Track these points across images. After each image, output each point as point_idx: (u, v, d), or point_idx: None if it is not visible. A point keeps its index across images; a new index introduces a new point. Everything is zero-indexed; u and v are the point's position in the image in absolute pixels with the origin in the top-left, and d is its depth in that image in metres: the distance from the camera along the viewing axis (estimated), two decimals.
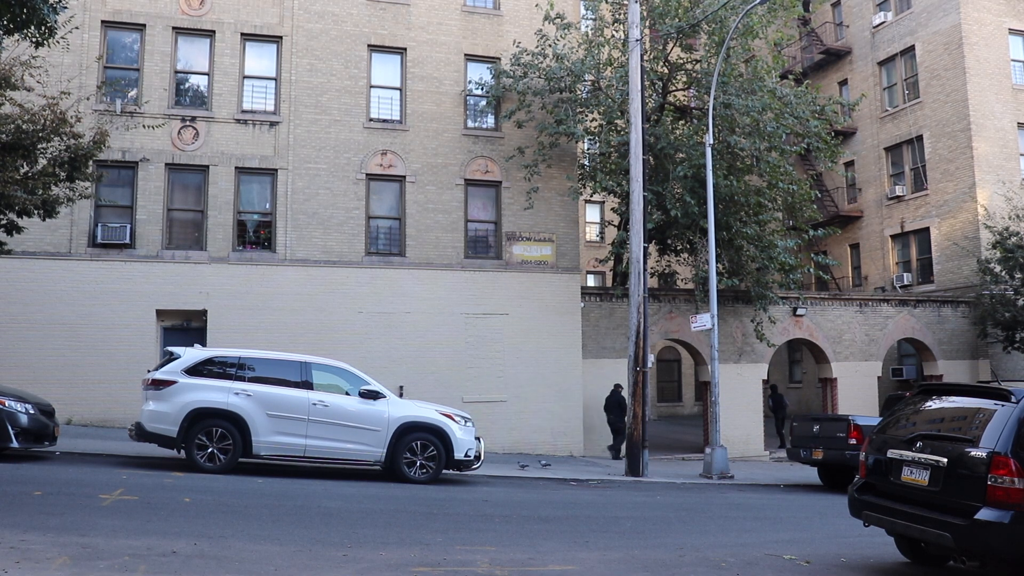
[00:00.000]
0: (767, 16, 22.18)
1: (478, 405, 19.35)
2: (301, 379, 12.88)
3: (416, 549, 7.79)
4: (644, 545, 8.84)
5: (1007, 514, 6.50)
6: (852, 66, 30.87)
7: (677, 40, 22.42)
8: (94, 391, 18.11)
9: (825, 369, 24.20)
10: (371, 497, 11.12)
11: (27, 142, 14.49)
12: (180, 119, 19.75)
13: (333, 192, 20.28)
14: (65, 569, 6.17)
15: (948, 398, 8.07)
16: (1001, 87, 26.69)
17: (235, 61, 20.21)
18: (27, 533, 7.21)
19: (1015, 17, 27.38)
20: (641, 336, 16.60)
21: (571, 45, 21.45)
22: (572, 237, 21.78)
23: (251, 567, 6.68)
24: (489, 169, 21.41)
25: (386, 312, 20.04)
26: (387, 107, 21.09)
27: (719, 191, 19.86)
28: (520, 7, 22.09)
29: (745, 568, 7.87)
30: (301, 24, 20.64)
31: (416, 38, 21.33)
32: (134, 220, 19.28)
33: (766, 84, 21.39)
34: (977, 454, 6.84)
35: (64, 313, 18.40)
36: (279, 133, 20.22)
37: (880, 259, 29.47)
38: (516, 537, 8.84)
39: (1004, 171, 26.19)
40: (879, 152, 29.60)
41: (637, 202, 16.99)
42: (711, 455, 16.99)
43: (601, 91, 21.74)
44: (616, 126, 21.49)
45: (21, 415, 12.19)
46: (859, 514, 8.02)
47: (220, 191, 19.74)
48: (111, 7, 19.67)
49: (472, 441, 13.48)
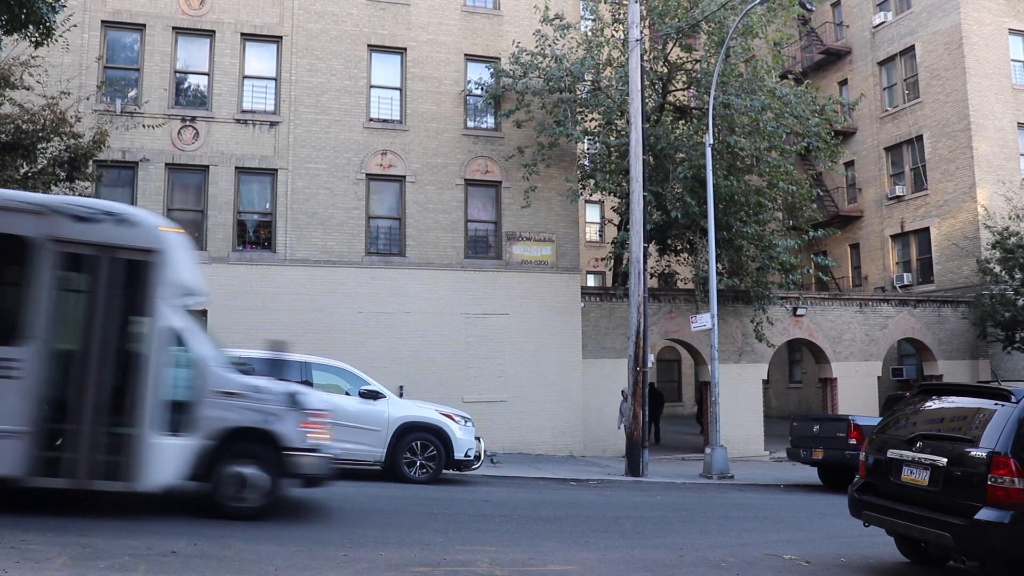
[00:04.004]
0: (767, 16, 22.17)
1: (478, 405, 19.34)
2: (301, 379, 12.87)
3: (416, 549, 7.79)
4: (644, 545, 8.84)
5: (1007, 514, 6.50)
6: (852, 66, 30.87)
7: (677, 40, 22.41)
8: None
9: (825, 369, 24.20)
10: (371, 497, 11.12)
11: (27, 142, 14.51)
12: (180, 119, 19.75)
13: (333, 192, 20.28)
14: (65, 569, 6.17)
15: (948, 398, 8.07)
16: (1001, 87, 26.68)
17: (235, 61, 20.21)
18: (27, 533, 7.21)
19: (1015, 17, 27.38)
20: (641, 336, 16.60)
21: (570, 46, 21.44)
22: (572, 237, 21.77)
23: (251, 567, 6.68)
24: (489, 169, 21.41)
25: (386, 312, 20.03)
26: (387, 107, 21.09)
27: (719, 191, 19.85)
28: (520, 7, 22.09)
29: (745, 568, 7.87)
30: (301, 24, 20.64)
31: (416, 38, 21.33)
32: None
33: (766, 84, 21.38)
34: (977, 454, 6.84)
35: None
36: (279, 133, 20.22)
37: (880, 259, 29.47)
38: (516, 537, 8.85)
39: (1004, 171, 26.18)
40: (879, 152, 29.60)
41: (637, 202, 16.99)
42: (711, 455, 16.99)
43: (601, 91, 21.73)
44: (616, 126, 21.48)
45: None
46: (859, 514, 8.02)
47: (220, 191, 19.73)
48: (111, 7, 19.67)
49: (472, 441, 13.50)
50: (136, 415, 8.20)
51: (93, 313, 8.38)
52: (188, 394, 8.49)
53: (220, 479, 8.56)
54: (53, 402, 8.12)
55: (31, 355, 8.08)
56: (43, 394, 8.08)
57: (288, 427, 8.65)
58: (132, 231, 8.50)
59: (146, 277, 8.44)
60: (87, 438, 8.10)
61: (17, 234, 8.12)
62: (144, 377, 8.27)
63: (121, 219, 8.50)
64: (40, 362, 8.11)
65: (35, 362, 8.08)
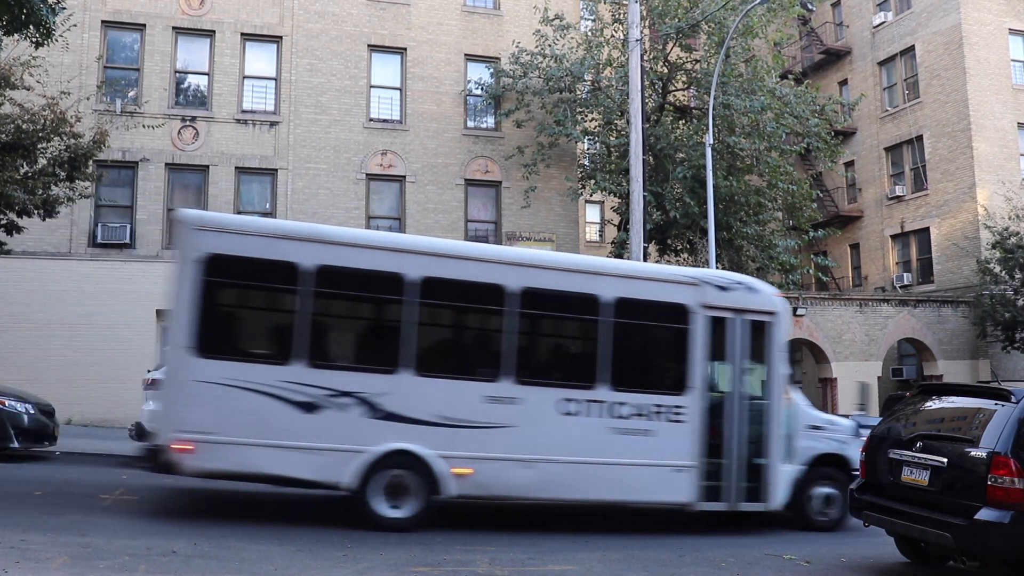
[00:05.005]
0: (767, 16, 22.15)
1: None
2: None
3: (416, 549, 7.78)
4: (644, 545, 8.84)
5: (1007, 514, 6.50)
6: (852, 66, 30.86)
7: (677, 40, 22.40)
8: (94, 391, 18.10)
9: (825, 369, 24.19)
10: None
11: (27, 142, 14.51)
12: (180, 119, 19.75)
13: (333, 192, 20.27)
14: (65, 569, 6.17)
15: (948, 398, 8.07)
16: (1001, 87, 26.67)
17: (235, 61, 20.21)
18: (27, 533, 7.21)
19: (1015, 17, 27.37)
20: None
21: (570, 46, 21.44)
22: (572, 237, 21.76)
23: (251, 567, 6.68)
24: (489, 169, 21.41)
25: None
26: (387, 107, 21.09)
27: (719, 191, 19.84)
28: (520, 7, 22.08)
29: (745, 568, 7.87)
30: (301, 24, 20.64)
31: (416, 38, 21.32)
32: (134, 220, 19.27)
33: (766, 84, 21.37)
34: (977, 454, 6.84)
35: (64, 313, 18.39)
36: (279, 133, 20.22)
37: (880, 259, 29.46)
38: (516, 537, 8.84)
39: (1004, 171, 26.17)
40: (879, 152, 29.59)
41: (637, 202, 16.97)
42: None
43: (601, 91, 21.72)
44: (616, 126, 21.47)
45: (22, 415, 12.20)
46: (859, 514, 8.02)
47: (220, 191, 19.73)
48: (111, 7, 19.67)
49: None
50: (767, 448, 10.00)
51: (732, 365, 10.12)
52: (791, 429, 10.18)
53: (810, 498, 10.32)
54: (710, 440, 9.77)
55: (693, 402, 9.73)
56: (703, 434, 9.71)
57: (854, 452, 10.16)
58: (757, 297, 10.30)
59: (766, 335, 10.21)
60: (735, 469, 9.83)
61: (679, 303, 9.87)
62: (770, 416, 10.06)
63: (750, 287, 10.34)
64: (700, 407, 9.75)
65: (696, 408, 9.73)
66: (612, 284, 9.63)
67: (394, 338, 8.93)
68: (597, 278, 9.67)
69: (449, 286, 9.12)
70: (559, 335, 10.07)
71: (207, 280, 8.43)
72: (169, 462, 8.21)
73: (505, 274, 9.29)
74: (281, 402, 8.39)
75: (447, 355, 9.48)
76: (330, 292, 8.87)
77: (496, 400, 8.89)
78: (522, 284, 9.25)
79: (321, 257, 8.74)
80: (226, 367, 8.36)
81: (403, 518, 8.59)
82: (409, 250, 9.22)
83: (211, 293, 8.52)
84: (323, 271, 8.71)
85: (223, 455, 8.24)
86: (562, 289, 9.50)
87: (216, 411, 8.23)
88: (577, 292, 9.53)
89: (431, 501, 8.73)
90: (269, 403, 8.35)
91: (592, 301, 9.48)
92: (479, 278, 9.30)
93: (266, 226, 9.85)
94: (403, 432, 8.64)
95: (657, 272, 10.73)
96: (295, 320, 8.71)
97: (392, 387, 8.71)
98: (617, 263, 12.10)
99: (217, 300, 8.73)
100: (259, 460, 8.33)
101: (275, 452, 8.34)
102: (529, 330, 9.54)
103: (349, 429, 8.52)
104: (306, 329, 8.67)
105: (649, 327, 10.08)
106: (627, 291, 9.69)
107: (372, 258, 8.96)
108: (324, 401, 8.49)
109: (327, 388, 8.51)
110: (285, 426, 8.37)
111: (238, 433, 8.27)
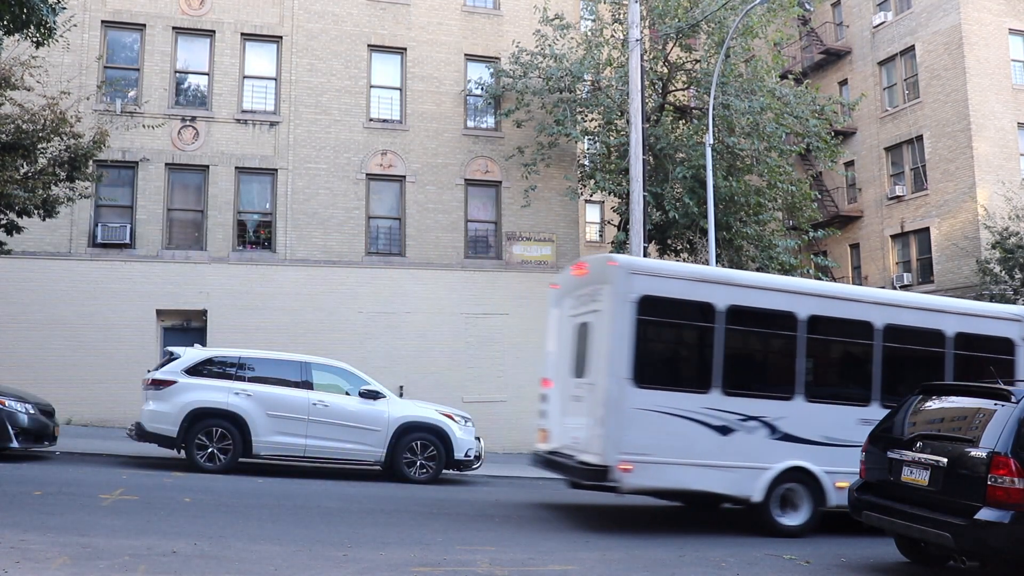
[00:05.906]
0: (767, 16, 22.15)
1: (478, 405, 19.32)
2: (301, 379, 12.89)
3: (416, 549, 7.78)
4: (644, 544, 8.84)
5: (1007, 514, 6.51)
6: (852, 66, 30.86)
7: (677, 40, 22.39)
8: (94, 391, 18.11)
9: None
10: (371, 497, 11.12)
11: (27, 142, 14.50)
12: (180, 119, 19.75)
13: (333, 192, 20.28)
14: (65, 569, 6.17)
15: (948, 398, 8.08)
16: (1001, 87, 26.66)
17: (235, 61, 20.22)
18: (27, 533, 7.21)
19: (1015, 17, 27.37)
20: None
21: (570, 46, 21.44)
22: (572, 237, 21.77)
23: (251, 567, 6.68)
24: (489, 169, 21.42)
25: (386, 312, 20.03)
26: (387, 107, 21.10)
27: (719, 191, 19.84)
28: (520, 7, 22.09)
29: (745, 568, 7.87)
30: (301, 24, 20.64)
31: (416, 38, 21.33)
32: (134, 220, 19.27)
33: (766, 84, 21.37)
34: (977, 454, 6.85)
35: (64, 313, 18.39)
36: (279, 133, 20.22)
37: (880, 259, 29.46)
38: (516, 537, 8.84)
39: (1004, 171, 26.16)
40: (879, 152, 29.59)
41: (637, 202, 16.98)
42: None
43: (601, 91, 21.72)
44: (616, 126, 21.47)
45: (21, 415, 12.19)
46: (859, 514, 8.02)
47: (220, 191, 19.74)
48: (111, 7, 19.67)
49: (472, 441, 13.50)
50: None
51: None
52: None
53: None
54: None
55: None
56: None
57: None
58: None
59: None
60: None
61: (1006, 336, 10.99)
62: None
63: None
64: None
65: None
66: (953, 320, 10.92)
67: (789, 368, 10.21)
68: (942, 315, 10.97)
69: (831, 323, 10.44)
70: (913, 365, 10.91)
71: (640, 319, 9.51)
72: (612, 481, 9.17)
73: (872, 312, 10.58)
74: (702, 426, 9.56)
75: (829, 383, 10.77)
76: (738, 328, 10.07)
77: (867, 422, 9.45)
78: (885, 321, 10.59)
79: (731, 298, 9.96)
80: (658, 395, 9.48)
81: (797, 525, 9.82)
82: (800, 292, 10.50)
83: (644, 330, 9.60)
84: (732, 310, 9.94)
85: (656, 474, 9.37)
86: (916, 325, 10.77)
87: (650, 434, 9.31)
88: (928, 328, 10.80)
89: (816, 511, 9.89)
90: (692, 427, 9.51)
91: (939, 336, 10.78)
92: (854, 316, 10.57)
93: (687, 270, 10.86)
94: (796, 451, 9.89)
95: (988, 310, 11.67)
96: (712, 353, 9.87)
97: (788, 411, 9.97)
98: (957, 302, 12.97)
99: (649, 336, 9.78)
100: (685, 477, 9.50)
101: (698, 470, 9.50)
102: (891, 360, 10.60)
103: (755, 449, 9.74)
104: (720, 361, 9.84)
105: (983, 359, 10.80)
106: (965, 327, 10.93)
107: (770, 299, 10.26)
108: (735, 424, 9.70)
109: (738, 413, 9.73)
110: (705, 447, 9.53)
111: (668, 454, 9.38)
